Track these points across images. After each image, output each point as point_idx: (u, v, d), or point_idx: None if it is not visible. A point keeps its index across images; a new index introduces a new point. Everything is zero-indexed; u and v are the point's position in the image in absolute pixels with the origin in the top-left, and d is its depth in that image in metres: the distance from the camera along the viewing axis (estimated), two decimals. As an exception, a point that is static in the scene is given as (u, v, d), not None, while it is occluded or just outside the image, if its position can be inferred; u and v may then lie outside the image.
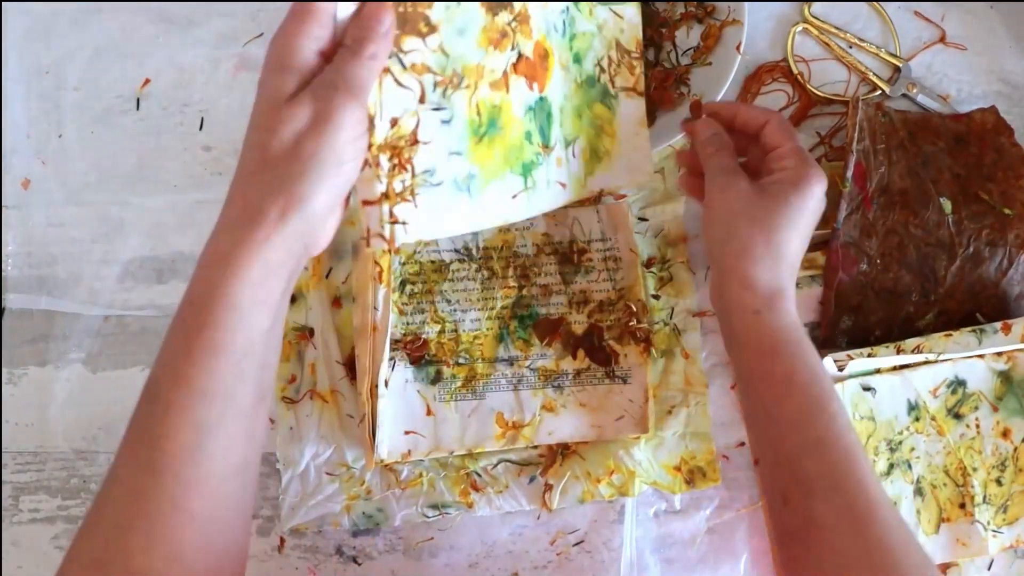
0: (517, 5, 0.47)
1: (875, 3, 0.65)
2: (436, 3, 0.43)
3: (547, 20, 0.50)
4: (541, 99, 0.50)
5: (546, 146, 0.51)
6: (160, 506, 0.39)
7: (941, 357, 0.58)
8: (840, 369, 0.58)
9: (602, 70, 0.54)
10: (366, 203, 0.43)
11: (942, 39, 0.66)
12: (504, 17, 0.47)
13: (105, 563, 0.39)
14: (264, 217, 0.39)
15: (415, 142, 0.44)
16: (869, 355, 0.58)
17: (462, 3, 0.44)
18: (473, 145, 0.47)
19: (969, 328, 0.58)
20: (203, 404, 0.39)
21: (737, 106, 0.55)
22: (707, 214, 0.52)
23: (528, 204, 0.51)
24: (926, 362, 0.59)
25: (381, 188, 0.43)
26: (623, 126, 0.56)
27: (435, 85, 0.44)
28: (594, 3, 0.53)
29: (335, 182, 0.41)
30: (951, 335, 0.58)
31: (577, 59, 0.53)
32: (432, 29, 0.44)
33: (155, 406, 0.40)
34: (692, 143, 0.55)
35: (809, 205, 0.50)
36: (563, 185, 0.53)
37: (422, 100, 0.44)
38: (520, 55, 0.48)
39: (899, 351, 0.58)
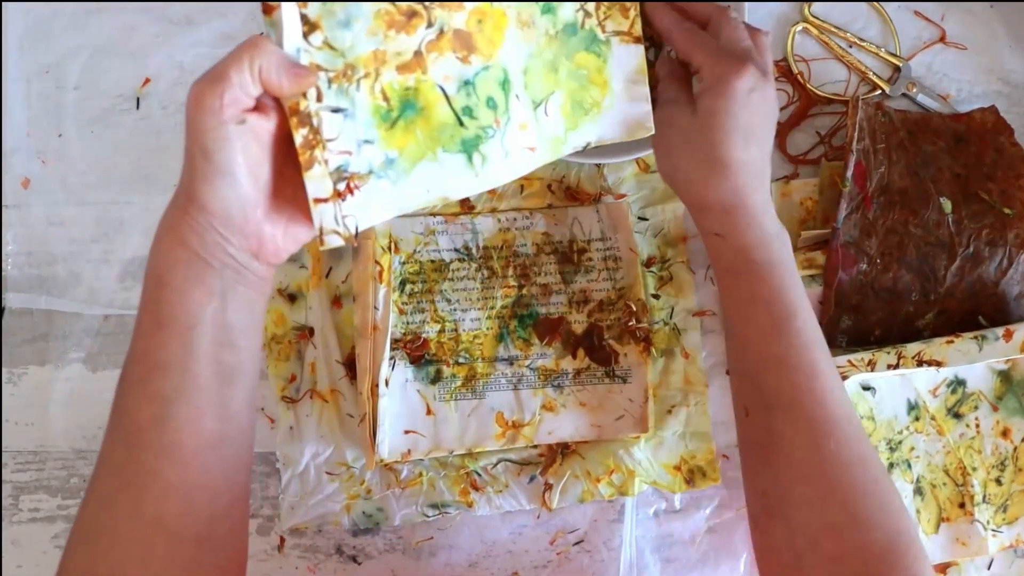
0: None
1: (875, 3, 0.65)
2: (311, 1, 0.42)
3: None
4: (486, 68, 0.47)
5: (498, 119, 0.48)
6: (137, 476, 0.41)
7: (942, 371, 0.58)
8: (842, 378, 0.57)
9: (587, 15, 0.51)
10: (318, 201, 0.43)
11: (942, 39, 0.66)
12: None
13: (96, 533, 0.41)
14: (174, 204, 0.43)
15: (321, 141, 0.43)
16: (869, 362, 0.58)
17: None
18: (385, 132, 0.45)
19: (971, 334, 0.58)
20: (159, 376, 0.42)
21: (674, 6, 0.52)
22: (655, 147, 0.52)
23: (481, 177, 0.49)
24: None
25: (331, 186, 0.43)
26: (616, 74, 0.51)
27: (329, 82, 0.43)
28: None
29: (215, 172, 0.41)
30: (952, 341, 0.58)
31: (548, 10, 0.50)
32: (313, 27, 0.42)
33: (122, 384, 0.43)
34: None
35: (738, 102, 0.48)
36: (532, 149, 0.50)
37: (319, 99, 0.43)
38: (442, 31, 0.46)
39: (900, 358, 0.58)
